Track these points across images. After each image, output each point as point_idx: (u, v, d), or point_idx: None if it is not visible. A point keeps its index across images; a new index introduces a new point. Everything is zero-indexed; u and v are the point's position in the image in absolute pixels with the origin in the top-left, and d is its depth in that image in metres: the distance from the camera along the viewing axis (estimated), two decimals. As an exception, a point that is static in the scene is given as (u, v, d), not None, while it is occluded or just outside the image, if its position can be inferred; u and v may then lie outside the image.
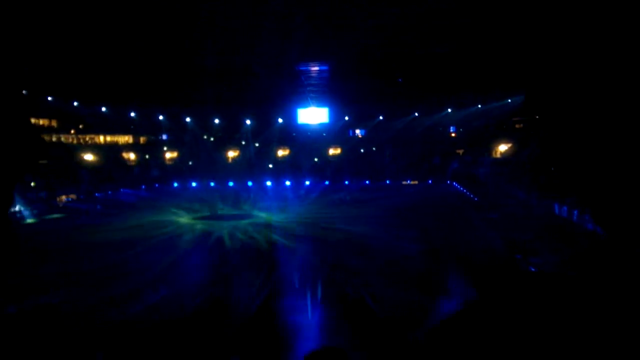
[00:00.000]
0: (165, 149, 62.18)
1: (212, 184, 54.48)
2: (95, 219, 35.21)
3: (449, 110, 60.05)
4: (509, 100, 54.72)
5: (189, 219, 34.64)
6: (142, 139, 61.66)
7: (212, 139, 63.34)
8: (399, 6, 33.85)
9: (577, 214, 27.54)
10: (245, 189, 51.62)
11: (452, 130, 63.31)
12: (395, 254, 22.03)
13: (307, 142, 61.56)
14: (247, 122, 61.76)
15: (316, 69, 53.39)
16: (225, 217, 35.22)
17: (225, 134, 63.05)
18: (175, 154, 62.08)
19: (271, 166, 59.33)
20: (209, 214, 36.50)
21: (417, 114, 60.96)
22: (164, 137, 62.82)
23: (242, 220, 33.75)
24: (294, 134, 63.38)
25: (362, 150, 62.97)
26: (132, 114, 59.11)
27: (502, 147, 55.84)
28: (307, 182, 53.54)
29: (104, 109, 56.20)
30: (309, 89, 57.62)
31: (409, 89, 52.50)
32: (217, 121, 62.04)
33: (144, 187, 52.76)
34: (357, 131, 65.72)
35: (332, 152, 63.76)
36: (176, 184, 54.52)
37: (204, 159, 59.16)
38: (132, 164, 58.60)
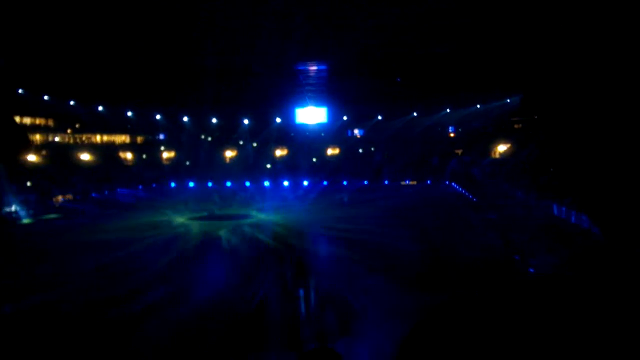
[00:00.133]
0: (162, 148, 61.88)
1: (210, 184, 54.25)
2: (91, 219, 34.97)
3: (448, 110, 59.92)
4: (508, 100, 54.60)
5: (186, 220, 34.41)
6: (139, 139, 61.35)
7: (209, 138, 63.06)
8: (399, 6, 33.73)
9: (575, 215, 27.43)
10: (243, 189, 51.40)
11: (451, 130, 63.13)
12: (394, 253, 21.87)
13: (306, 142, 61.29)
14: (245, 121, 61.51)
15: (315, 68, 53.21)
16: (222, 217, 35.01)
17: (223, 133, 62.76)
18: (172, 154, 61.79)
19: (269, 166, 59.10)
20: (206, 215, 36.28)
21: (415, 114, 60.80)
22: (161, 136, 62.54)
23: (240, 220, 33.55)
24: (292, 134, 63.12)
25: (361, 150, 62.70)
26: (129, 114, 58.83)
27: (501, 148, 55.68)
28: (305, 183, 53.33)
29: (100, 108, 55.93)
30: (307, 88, 57.44)
31: (407, 89, 52.37)
32: (214, 121, 61.77)
33: (141, 187, 52.50)
34: (356, 131, 65.48)
35: (330, 152, 63.43)
36: (173, 184, 54.27)
37: (201, 159, 58.88)
38: (129, 163, 58.32)
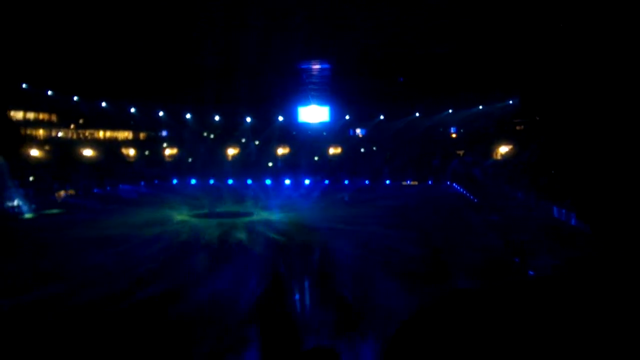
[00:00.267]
0: (165, 145, 62.05)
1: (212, 182, 54.40)
2: (93, 215, 35.11)
3: (450, 110, 59.91)
4: (510, 101, 54.57)
5: (187, 216, 34.54)
6: (142, 135, 61.51)
7: (212, 136, 63.18)
8: (401, 6, 33.81)
9: (575, 217, 27.49)
10: (244, 187, 51.53)
11: (452, 130, 63.13)
12: (394, 254, 21.96)
13: (308, 140, 61.34)
14: (248, 119, 61.60)
15: (318, 67, 53.32)
16: (224, 214, 35.11)
17: (225, 131, 62.83)
18: (175, 151, 61.95)
19: (271, 164, 59.20)
20: (207, 211, 36.41)
21: (417, 114, 60.80)
22: (164, 133, 62.70)
23: (242, 218, 33.67)
24: (295, 133, 63.17)
25: (363, 149, 62.76)
26: (132, 110, 59.00)
27: (503, 149, 55.66)
28: (307, 181, 53.44)
29: (104, 104, 56.11)
30: (310, 87, 57.52)
31: (410, 89, 52.44)
32: (217, 118, 61.90)
33: (143, 183, 52.68)
34: (358, 130, 65.51)
35: (332, 151, 63.47)
36: (175, 181, 54.44)
37: (203, 156, 59.02)
38: (132, 159, 58.50)
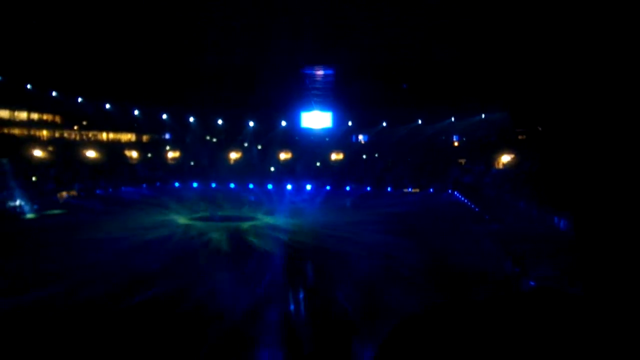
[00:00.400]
0: (167, 148, 62.23)
1: (214, 185, 54.46)
2: (95, 216, 35.15)
3: (452, 119, 59.98)
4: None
5: (188, 220, 34.52)
6: (145, 138, 61.73)
7: (214, 139, 63.36)
8: (406, 14, 33.94)
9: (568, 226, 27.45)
10: (246, 191, 51.56)
11: (455, 139, 63.19)
12: (394, 262, 21.92)
13: (310, 146, 61.44)
14: (250, 124, 61.76)
15: (321, 73, 53.50)
16: (224, 218, 35.07)
17: (228, 135, 63.05)
18: (177, 154, 62.11)
19: (273, 169, 59.27)
20: (208, 215, 36.38)
21: (420, 122, 60.90)
22: (167, 136, 62.91)
23: (244, 222, 33.62)
24: (297, 138, 63.30)
25: (365, 156, 62.83)
26: (136, 112, 59.22)
27: (505, 158, 55.62)
28: (309, 187, 53.47)
29: (107, 106, 56.35)
30: (313, 92, 57.70)
31: (413, 97, 52.55)
32: (220, 122, 62.08)
33: (145, 185, 52.75)
34: (360, 137, 65.62)
35: (334, 157, 63.54)
36: (177, 184, 54.52)
37: (206, 159, 59.15)
38: (134, 162, 58.66)
